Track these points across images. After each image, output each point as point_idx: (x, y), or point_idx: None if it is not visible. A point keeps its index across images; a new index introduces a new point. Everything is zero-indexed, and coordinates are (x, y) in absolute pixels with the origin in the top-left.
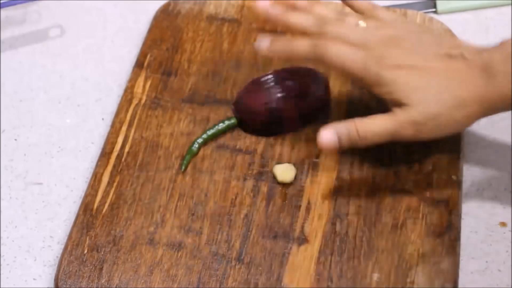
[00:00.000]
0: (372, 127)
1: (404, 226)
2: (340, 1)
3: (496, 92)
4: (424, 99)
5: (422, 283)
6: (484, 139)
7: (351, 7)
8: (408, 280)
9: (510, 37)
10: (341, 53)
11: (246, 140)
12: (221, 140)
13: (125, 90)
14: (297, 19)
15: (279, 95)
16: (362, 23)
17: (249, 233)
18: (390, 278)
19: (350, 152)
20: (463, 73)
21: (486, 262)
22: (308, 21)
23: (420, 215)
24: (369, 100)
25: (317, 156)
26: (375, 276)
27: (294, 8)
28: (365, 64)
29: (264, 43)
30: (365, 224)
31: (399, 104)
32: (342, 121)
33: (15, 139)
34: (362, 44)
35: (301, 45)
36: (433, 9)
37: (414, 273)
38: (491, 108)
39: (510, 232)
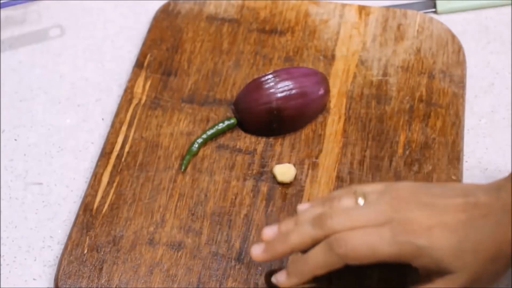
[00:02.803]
0: None
1: None
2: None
3: None
4: (465, 261)
5: None
6: (484, 139)
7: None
8: (409, 280)
9: None
10: (364, 240)
11: (246, 140)
12: (221, 140)
13: (125, 90)
14: (296, 236)
15: (279, 95)
16: (360, 200)
17: (249, 233)
18: (390, 278)
19: (350, 152)
20: (489, 220)
21: None
22: (306, 229)
23: None
24: (369, 100)
25: (317, 156)
26: (375, 276)
27: (283, 230)
28: (395, 238)
29: (281, 277)
30: None
31: (440, 272)
32: None
33: (15, 139)
34: (379, 220)
35: (317, 258)
36: (433, 9)
37: (414, 273)
38: None
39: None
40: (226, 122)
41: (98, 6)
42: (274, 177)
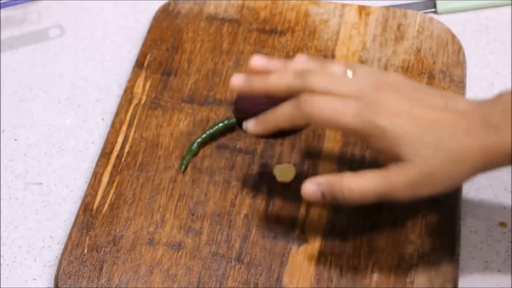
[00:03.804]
0: (360, 186)
1: (404, 226)
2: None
3: (496, 145)
4: (422, 153)
5: (422, 283)
6: None
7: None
8: (408, 280)
9: (508, 90)
10: (330, 107)
11: (246, 140)
12: (221, 140)
13: (125, 90)
14: (276, 79)
15: None
16: (349, 72)
17: (249, 233)
18: (390, 278)
19: (350, 152)
20: (461, 125)
21: (486, 262)
22: (288, 77)
23: (420, 215)
24: None
25: (317, 156)
26: (375, 276)
27: (269, 68)
28: (359, 114)
29: (249, 124)
30: (365, 224)
31: (395, 159)
32: (330, 175)
33: (15, 139)
34: (354, 93)
35: (284, 109)
36: (433, 9)
37: (414, 273)
38: (490, 163)
39: (510, 232)
40: (226, 122)
41: (98, 6)
42: (274, 177)
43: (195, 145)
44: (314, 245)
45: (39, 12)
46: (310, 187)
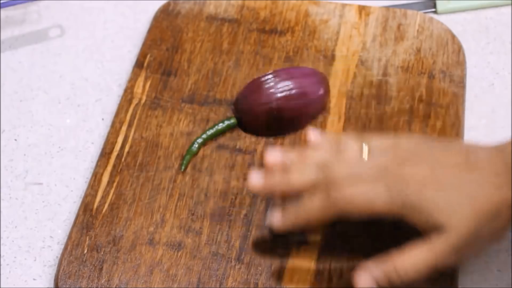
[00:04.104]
0: (413, 265)
1: (404, 226)
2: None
3: None
4: (459, 217)
5: (422, 283)
6: (484, 139)
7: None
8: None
9: None
10: (362, 196)
11: (246, 140)
12: (221, 140)
13: (125, 90)
14: (298, 176)
15: (279, 95)
16: (365, 149)
17: (249, 233)
18: None
19: None
20: (489, 180)
21: (486, 262)
22: (310, 173)
23: None
24: (369, 100)
25: None
26: None
27: (286, 163)
28: (389, 196)
29: (275, 219)
30: (365, 224)
31: (434, 229)
32: (377, 261)
33: (15, 139)
34: (378, 175)
35: (313, 203)
36: (433, 9)
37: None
38: None
39: (510, 232)
40: (226, 122)
41: (98, 6)
42: None
43: (195, 145)
44: (314, 245)
45: (39, 12)
46: (364, 279)
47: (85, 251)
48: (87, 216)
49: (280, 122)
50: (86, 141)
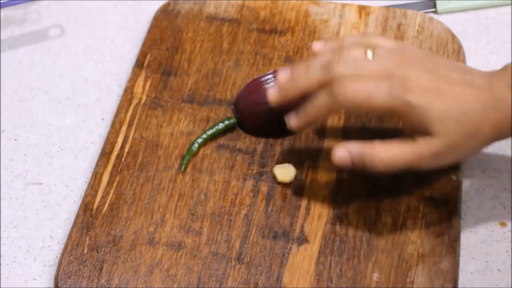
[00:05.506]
0: (391, 156)
1: (404, 226)
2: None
3: (505, 118)
4: (448, 128)
5: (422, 283)
6: None
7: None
8: (408, 280)
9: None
10: (363, 90)
11: (246, 140)
12: (221, 140)
13: (125, 90)
14: (305, 77)
15: None
16: (369, 52)
17: (249, 233)
18: (390, 278)
19: None
20: (478, 99)
21: (486, 262)
22: (315, 72)
23: (420, 215)
24: None
25: (317, 156)
26: (375, 276)
27: (294, 74)
28: (390, 93)
29: (292, 121)
30: (365, 224)
31: (422, 132)
32: (359, 142)
33: (15, 139)
34: (381, 73)
35: (320, 99)
36: (433, 9)
37: (414, 273)
38: (501, 134)
39: (510, 232)
40: (226, 122)
41: (98, 6)
42: (274, 177)
43: (195, 145)
44: (314, 245)
45: (39, 12)
46: (341, 153)
47: (85, 251)
48: (87, 216)
49: (280, 122)
50: (86, 141)
